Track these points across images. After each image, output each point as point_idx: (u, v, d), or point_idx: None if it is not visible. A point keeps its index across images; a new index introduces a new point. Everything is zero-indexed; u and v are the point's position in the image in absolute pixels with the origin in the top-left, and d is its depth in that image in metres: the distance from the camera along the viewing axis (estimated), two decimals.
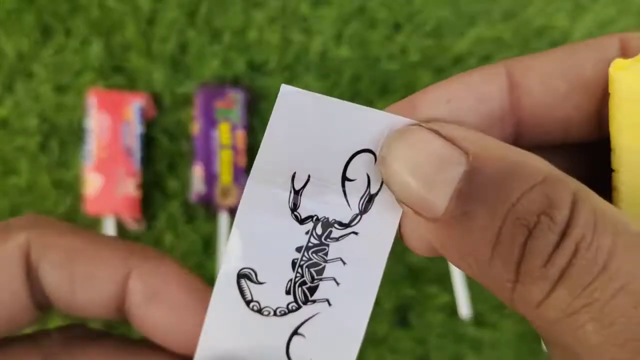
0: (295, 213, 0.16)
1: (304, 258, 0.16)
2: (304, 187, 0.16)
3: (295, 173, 0.16)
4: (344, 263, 0.16)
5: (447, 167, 0.14)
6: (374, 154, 0.16)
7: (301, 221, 0.16)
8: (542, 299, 0.13)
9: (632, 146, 0.15)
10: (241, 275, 0.16)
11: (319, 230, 0.16)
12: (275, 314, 0.16)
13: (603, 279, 0.12)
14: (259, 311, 0.16)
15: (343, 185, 0.16)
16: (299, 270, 0.16)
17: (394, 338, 0.52)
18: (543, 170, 0.13)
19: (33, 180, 0.52)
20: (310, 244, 0.16)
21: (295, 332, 0.16)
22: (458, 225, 0.14)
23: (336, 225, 0.16)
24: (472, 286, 0.52)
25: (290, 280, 0.16)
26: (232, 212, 0.52)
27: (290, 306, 0.16)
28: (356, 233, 0.16)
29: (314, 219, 0.16)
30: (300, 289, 0.16)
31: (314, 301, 0.16)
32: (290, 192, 0.16)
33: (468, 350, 0.52)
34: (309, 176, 0.16)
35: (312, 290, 0.16)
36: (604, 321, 0.12)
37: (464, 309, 0.51)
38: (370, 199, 0.16)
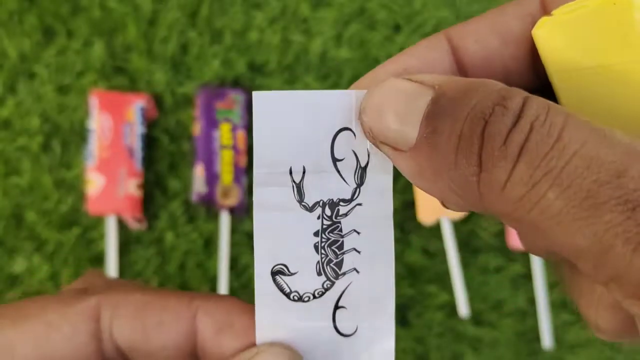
0: (303, 204, 0.17)
1: (323, 239, 0.18)
2: (302, 178, 0.17)
3: (291, 168, 0.17)
4: (358, 233, 0.18)
5: (416, 99, 0.15)
6: (351, 130, 0.17)
7: (310, 209, 0.17)
8: (506, 178, 0.13)
9: (566, 88, 0.17)
10: (275, 273, 0.18)
11: (327, 212, 0.18)
12: (315, 297, 0.18)
13: (558, 147, 0.13)
14: (300, 299, 0.18)
15: (335, 166, 0.17)
16: (322, 251, 0.18)
17: None
18: (500, 84, 0.15)
19: (35, 180, 0.52)
20: (324, 226, 0.18)
21: (336, 307, 0.18)
22: (428, 144, 0.15)
23: (341, 203, 0.18)
24: (471, 285, 0.52)
25: (318, 262, 0.18)
26: (233, 212, 0.52)
27: (325, 285, 0.18)
28: (360, 204, 0.18)
29: (321, 203, 0.17)
30: (328, 267, 0.18)
31: (344, 274, 0.18)
32: (293, 186, 0.17)
33: (467, 349, 0.52)
34: (303, 167, 0.17)
35: (339, 264, 0.18)
36: (562, 185, 0.13)
37: (463, 308, 0.51)
38: (363, 171, 0.17)
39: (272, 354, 0.17)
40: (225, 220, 0.51)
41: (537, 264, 0.51)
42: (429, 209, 0.52)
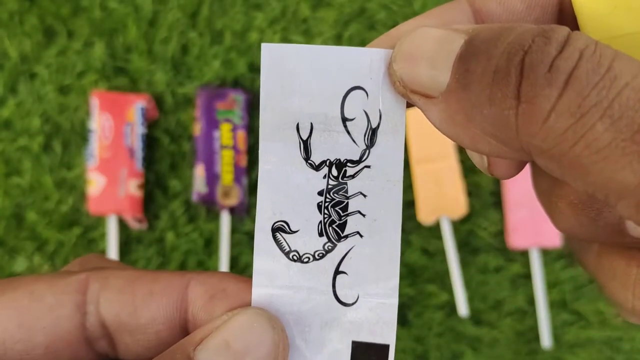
0: (309, 162, 0.17)
1: (327, 199, 0.17)
2: (310, 135, 0.17)
3: (298, 124, 0.17)
4: (365, 196, 0.17)
5: (449, 43, 0.15)
6: (363, 89, 0.17)
7: (316, 167, 0.17)
8: (550, 108, 0.13)
9: None
10: (275, 229, 0.17)
11: (334, 172, 0.17)
12: (315, 258, 0.17)
13: (609, 76, 0.12)
14: (300, 259, 0.17)
15: (345, 126, 0.17)
16: (326, 211, 0.17)
17: None
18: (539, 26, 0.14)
19: (36, 181, 0.53)
20: (329, 186, 0.17)
21: (337, 272, 0.17)
22: (461, 85, 0.14)
23: (349, 164, 0.17)
24: (470, 285, 0.53)
25: (320, 222, 0.17)
26: (233, 212, 0.52)
27: (326, 247, 0.17)
28: (368, 166, 0.17)
29: (327, 162, 0.17)
30: (330, 228, 0.17)
31: (346, 237, 0.17)
32: (299, 143, 0.17)
33: (467, 349, 0.53)
34: (311, 124, 0.17)
35: (342, 226, 0.17)
36: (613, 116, 0.12)
37: (463, 308, 0.51)
38: (373, 133, 0.17)
39: (249, 315, 0.16)
40: (225, 220, 0.52)
41: (536, 264, 0.51)
42: (429, 209, 0.52)
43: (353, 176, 0.17)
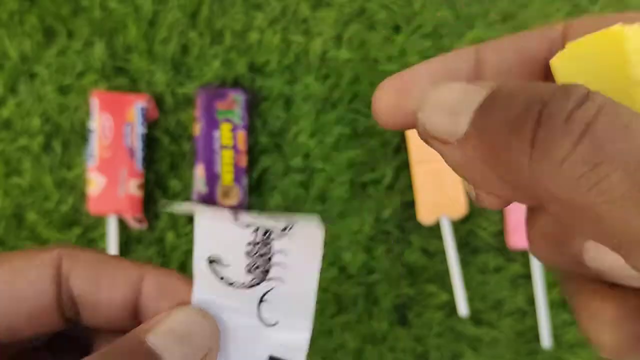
0: (237, 223, 0.19)
1: (254, 250, 0.19)
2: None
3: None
4: (286, 255, 0.19)
5: (471, 94, 0.15)
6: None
7: (245, 227, 0.19)
8: (564, 155, 0.13)
9: None
10: (211, 261, 0.20)
11: (260, 232, 0.19)
12: (244, 286, 0.20)
13: (628, 132, 0.13)
14: (232, 284, 0.20)
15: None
16: (253, 259, 0.19)
17: (393, 337, 0.53)
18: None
19: (36, 181, 0.53)
20: (257, 240, 0.19)
21: (261, 300, 0.20)
22: (479, 131, 0.15)
23: (273, 234, 0.19)
24: (470, 285, 0.53)
25: (248, 264, 0.19)
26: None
27: (253, 281, 0.20)
28: (292, 234, 0.19)
29: (255, 228, 0.19)
30: (257, 270, 0.19)
31: (270, 279, 0.19)
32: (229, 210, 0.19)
33: (467, 349, 0.53)
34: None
35: (266, 272, 0.19)
36: (629, 169, 0.12)
37: (463, 308, 0.51)
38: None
39: (188, 310, 0.19)
40: None
41: (536, 264, 0.51)
42: (429, 209, 0.52)
43: (278, 237, 0.19)
